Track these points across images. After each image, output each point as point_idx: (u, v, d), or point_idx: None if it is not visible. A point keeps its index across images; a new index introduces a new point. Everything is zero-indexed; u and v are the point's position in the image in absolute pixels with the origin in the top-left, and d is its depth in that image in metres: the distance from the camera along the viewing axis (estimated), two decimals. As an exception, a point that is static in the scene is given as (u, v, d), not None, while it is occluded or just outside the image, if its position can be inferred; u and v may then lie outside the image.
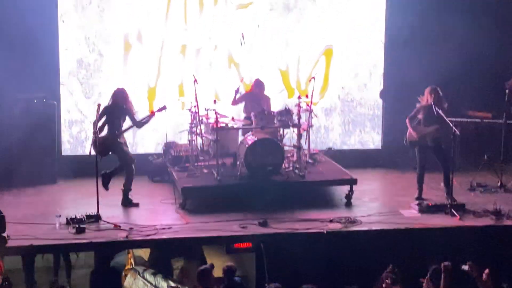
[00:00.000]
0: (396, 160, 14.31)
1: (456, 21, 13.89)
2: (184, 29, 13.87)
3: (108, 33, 13.61)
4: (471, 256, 9.05)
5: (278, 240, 10.23)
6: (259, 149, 11.63)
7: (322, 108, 14.50)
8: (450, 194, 11.53)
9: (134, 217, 10.82)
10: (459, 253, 9.76)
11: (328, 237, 10.26)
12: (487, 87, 14.49)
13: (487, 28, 14.31)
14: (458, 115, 13.40)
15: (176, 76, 13.89)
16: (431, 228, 10.54)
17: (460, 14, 13.99)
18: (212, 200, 11.64)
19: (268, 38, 14.11)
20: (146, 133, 13.83)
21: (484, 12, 14.35)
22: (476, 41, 14.17)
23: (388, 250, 10.24)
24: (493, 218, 10.89)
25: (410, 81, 13.86)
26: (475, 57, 14.34)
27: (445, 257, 9.33)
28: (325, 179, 12.18)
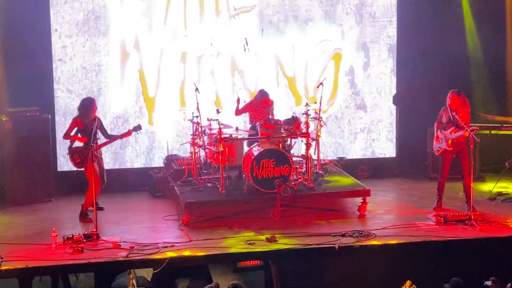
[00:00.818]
0: (412, 169, 14.33)
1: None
2: (184, 35, 13.92)
3: (105, 42, 13.67)
4: (493, 270, 9.02)
5: (288, 256, 10.21)
6: (265, 160, 11.63)
7: (332, 115, 14.52)
8: (470, 204, 11.57)
9: (135, 235, 10.81)
10: (481, 267, 9.73)
11: (341, 252, 10.23)
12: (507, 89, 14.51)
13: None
14: (477, 119, 13.44)
15: (177, 85, 13.94)
16: (450, 240, 10.50)
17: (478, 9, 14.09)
18: (217, 215, 11.65)
19: (273, 42, 14.16)
20: (145, 146, 13.88)
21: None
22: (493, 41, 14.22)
23: (405, 265, 10.23)
24: (516, 229, 10.88)
25: (425, 85, 13.91)
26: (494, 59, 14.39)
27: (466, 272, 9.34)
28: (336, 190, 12.18)
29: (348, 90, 14.59)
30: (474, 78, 14.28)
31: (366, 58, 14.55)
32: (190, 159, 12.89)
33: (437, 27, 14.32)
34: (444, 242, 10.46)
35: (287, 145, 12.42)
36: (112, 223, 11.49)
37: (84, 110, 11.74)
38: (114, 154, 13.86)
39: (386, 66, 14.62)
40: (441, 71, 14.10)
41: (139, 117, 13.79)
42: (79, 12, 13.56)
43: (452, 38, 14.31)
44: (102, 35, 13.66)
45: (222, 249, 10.23)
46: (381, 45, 14.56)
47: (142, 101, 13.88)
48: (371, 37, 14.51)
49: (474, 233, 10.77)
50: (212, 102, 13.90)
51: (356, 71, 14.54)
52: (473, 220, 11.01)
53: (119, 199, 12.81)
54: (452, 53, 14.32)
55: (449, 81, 13.53)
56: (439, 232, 10.82)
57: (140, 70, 13.84)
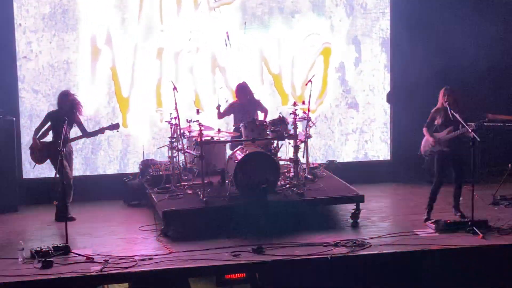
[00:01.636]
0: (408, 173, 14.39)
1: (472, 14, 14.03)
2: (161, 30, 13.93)
3: (74, 37, 13.64)
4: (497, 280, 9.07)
5: (275, 268, 10.20)
6: (250, 164, 11.65)
7: (321, 115, 14.56)
8: (457, 207, 11.84)
9: (109, 247, 10.77)
10: (484, 276, 9.78)
11: (333, 263, 10.25)
12: (509, 86, 14.59)
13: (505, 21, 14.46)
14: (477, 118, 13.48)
15: (153, 84, 13.93)
16: (450, 249, 10.53)
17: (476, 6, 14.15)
18: (199, 225, 11.64)
19: (257, 37, 14.18)
20: (119, 150, 13.87)
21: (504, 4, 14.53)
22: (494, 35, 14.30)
23: (402, 276, 10.28)
24: (520, 236, 10.95)
25: (421, 81, 13.96)
26: (494, 53, 14.47)
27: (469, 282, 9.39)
28: (327, 196, 12.18)
29: (339, 88, 14.63)
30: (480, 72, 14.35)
31: (357, 53, 14.60)
32: (168, 164, 12.88)
33: (434, 18, 14.38)
34: (445, 251, 10.49)
35: (273, 148, 12.43)
36: (84, 234, 11.45)
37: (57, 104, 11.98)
38: (85, 160, 13.83)
39: (379, 61, 14.67)
40: (439, 66, 14.14)
41: (112, 119, 13.73)
42: (45, 5, 13.53)
43: (451, 30, 14.36)
44: (71, 30, 13.63)
45: (204, 261, 10.21)
46: (374, 39, 14.62)
47: (115, 101, 13.87)
48: (362, 30, 14.56)
49: (476, 240, 10.81)
50: (191, 102, 13.90)
51: (347, 67, 14.58)
52: (475, 227, 11.05)
53: (91, 209, 12.78)
54: (451, 46, 14.37)
55: (448, 77, 13.59)
56: (439, 240, 10.86)
57: (113, 67, 13.83)
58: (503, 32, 14.68)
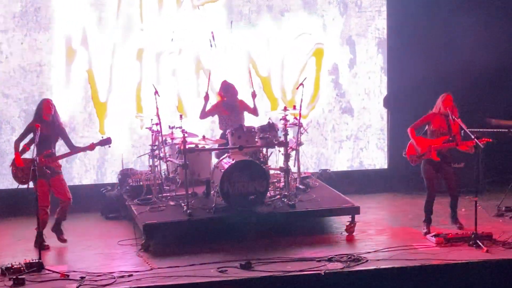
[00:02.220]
0: (406, 182, 14.40)
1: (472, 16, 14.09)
2: (141, 29, 13.92)
3: (47, 38, 13.59)
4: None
5: (265, 285, 10.16)
6: (237, 174, 11.63)
7: (314, 121, 14.55)
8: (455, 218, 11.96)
9: (86, 263, 10.73)
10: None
11: (327, 280, 10.22)
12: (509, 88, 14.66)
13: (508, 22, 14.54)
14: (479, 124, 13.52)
15: (132, 87, 13.91)
16: (452, 263, 10.53)
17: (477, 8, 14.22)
18: (182, 239, 11.61)
19: (244, 37, 14.17)
20: (96, 159, 13.82)
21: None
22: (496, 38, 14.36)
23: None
24: (528, 249, 10.97)
25: (421, 84, 13.97)
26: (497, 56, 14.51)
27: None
28: (320, 208, 12.18)
29: (332, 92, 14.65)
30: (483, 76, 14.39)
31: (352, 54, 14.63)
32: (149, 173, 12.85)
33: (433, 17, 14.41)
34: (446, 266, 10.48)
35: (262, 156, 12.42)
36: (59, 249, 11.42)
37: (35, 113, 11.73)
38: (59, 169, 13.77)
39: (375, 63, 14.71)
40: (439, 69, 14.17)
41: (88, 125, 13.75)
42: (15, 3, 13.52)
43: (452, 30, 14.40)
44: (44, 30, 13.61)
45: (189, 278, 10.18)
46: (369, 39, 14.65)
47: (92, 106, 13.85)
48: (357, 30, 14.60)
49: (480, 254, 10.81)
50: (174, 107, 13.88)
51: (340, 70, 14.61)
52: (479, 240, 11.06)
53: (66, 222, 12.69)
54: (451, 47, 14.41)
55: (448, 79, 13.61)
56: (440, 254, 10.85)
57: (89, 70, 13.80)
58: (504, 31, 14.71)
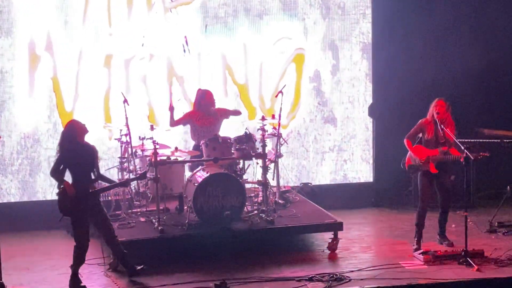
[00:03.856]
0: (393, 196, 14.48)
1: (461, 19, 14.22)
2: (109, 33, 13.94)
3: (9, 43, 13.60)
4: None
5: (241, 307, 10.26)
6: (212, 188, 11.66)
7: (294, 131, 14.62)
8: (443, 235, 12.07)
9: (50, 284, 10.74)
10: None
11: (308, 300, 10.31)
12: (506, 99, 14.75)
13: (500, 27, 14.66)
14: (471, 135, 13.62)
15: (100, 96, 13.92)
16: (441, 283, 10.59)
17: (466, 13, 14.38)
18: (153, 257, 11.62)
19: (220, 42, 14.23)
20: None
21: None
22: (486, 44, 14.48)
23: (386, 315, 10.34)
24: (521, 268, 11.06)
25: (408, 92, 14.05)
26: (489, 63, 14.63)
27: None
28: (301, 224, 12.22)
29: (314, 100, 14.71)
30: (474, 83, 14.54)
31: (334, 60, 14.70)
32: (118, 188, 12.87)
33: (421, 21, 14.51)
34: (435, 286, 10.55)
35: (239, 168, 12.46)
36: (21, 269, 11.38)
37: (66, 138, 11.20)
38: (22, 183, 13.77)
39: (359, 69, 14.78)
40: (427, 75, 14.27)
41: (53, 136, 13.73)
42: (-25, 6, 13.54)
43: (440, 34, 14.51)
44: (6, 35, 13.62)
45: (160, 300, 10.24)
46: (353, 44, 14.73)
47: (57, 116, 13.85)
48: (340, 34, 14.67)
49: (470, 273, 10.88)
50: (144, 117, 13.90)
51: (322, 77, 14.68)
52: (470, 258, 11.13)
53: (29, 239, 12.73)
54: (440, 54, 14.52)
55: (437, 87, 13.71)
56: (429, 273, 10.91)
57: (54, 77, 13.81)
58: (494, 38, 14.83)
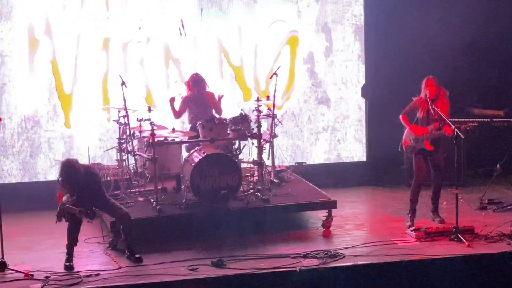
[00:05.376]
0: (385, 175, 14.50)
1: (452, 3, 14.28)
2: (106, 17, 13.91)
3: (8, 27, 13.57)
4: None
5: (238, 284, 10.20)
6: (208, 168, 11.67)
7: (288, 112, 14.62)
8: (436, 212, 12.09)
9: (51, 263, 10.73)
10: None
11: (303, 277, 10.27)
12: (496, 79, 14.76)
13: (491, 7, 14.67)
14: (462, 114, 13.63)
15: (99, 78, 13.91)
16: (432, 259, 10.62)
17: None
18: (151, 236, 11.64)
19: (215, 25, 14.20)
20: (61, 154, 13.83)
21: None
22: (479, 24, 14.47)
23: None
24: (510, 243, 11.04)
25: (399, 73, 14.05)
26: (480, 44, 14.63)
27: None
28: (295, 202, 12.24)
29: (307, 81, 14.72)
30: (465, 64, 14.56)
31: (328, 42, 14.70)
32: (116, 168, 12.88)
33: (412, 4, 14.50)
34: (426, 262, 10.57)
35: (235, 149, 12.46)
36: (22, 248, 11.40)
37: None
38: (23, 165, 13.78)
39: (352, 51, 14.78)
40: (418, 56, 14.28)
41: (53, 118, 13.75)
42: (-27, -9, 13.51)
43: (431, 16, 14.50)
44: (5, 19, 13.59)
45: (158, 277, 10.21)
46: (346, 26, 14.73)
47: (56, 98, 13.85)
48: (333, 17, 14.67)
49: (461, 249, 10.91)
50: (142, 99, 13.90)
51: (316, 58, 14.68)
52: (460, 234, 11.16)
53: (30, 219, 12.74)
54: (431, 35, 14.51)
55: (428, 67, 13.69)
56: (420, 249, 10.94)
57: (53, 61, 13.80)
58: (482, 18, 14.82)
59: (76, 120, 13.89)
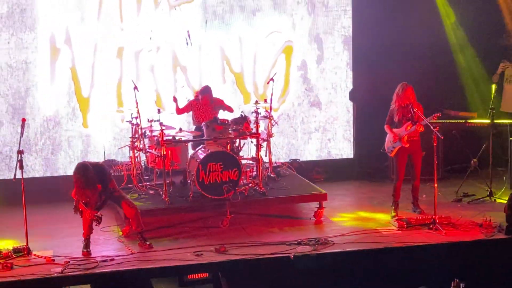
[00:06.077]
0: (371, 170, 14.50)
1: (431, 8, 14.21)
2: (121, 28, 13.88)
3: (32, 37, 13.54)
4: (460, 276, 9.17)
5: (238, 268, 10.23)
6: (212, 164, 11.65)
7: (284, 113, 14.61)
8: (416, 204, 12.10)
9: (70, 249, 10.73)
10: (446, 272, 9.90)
11: (297, 262, 10.29)
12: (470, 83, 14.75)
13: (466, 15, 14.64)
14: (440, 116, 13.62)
15: (113, 83, 13.89)
16: (413, 246, 10.64)
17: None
18: (161, 225, 11.64)
19: (218, 36, 14.20)
20: (79, 151, 13.82)
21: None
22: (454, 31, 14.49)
23: (365, 274, 10.34)
24: (483, 232, 11.05)
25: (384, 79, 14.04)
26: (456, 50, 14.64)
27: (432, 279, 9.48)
28: (290, 195, 12.25)
29: (301, 86, 14.70)
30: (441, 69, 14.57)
31: (319, 51, 14.67)
32: (129, 164, 12.86)
33: (394, 17, 14.49)
34: (407, 248, 10.59)
35: (235, 146, 12.46)
36: (44, 236, 11.38)
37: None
38: (45, 161, 13.77)
39: (341, 59, 14.76)
40: (401, 64, 14.27)
41: (72, 119, 13.73)
42: (2, 5, 13.43)
43: (411, 29, 14.49)
44: (29, 30, 13.55)
45: (167, 262, 10.22)
46: (336, 37, 14.71)
47: (75, 101, 13.81)
48: (324, 28, 14.65)
49: (439, 237, 10.92)
50: (152, 102, 13.89)
51: (309, 65, 14.66)
52: (438, 223, 11.17)
53: (51, 210, 12.72)
54: (412, 45, 14.51)
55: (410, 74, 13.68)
56: (402, 237, 10.96)
57: (72, 67, 13.76)
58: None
59: (93, 120, 13.86)
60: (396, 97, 11.84)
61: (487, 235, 10.93)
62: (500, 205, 11.84)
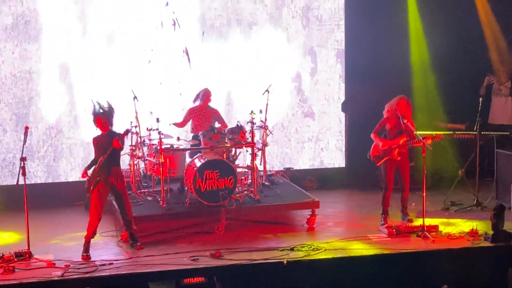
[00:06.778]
0: (362, 179, 14.50)
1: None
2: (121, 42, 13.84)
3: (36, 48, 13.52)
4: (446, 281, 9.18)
5: (233, 272, 10.21)
6: (209, 171, 11.63)
7: (278, 123, 14.61)
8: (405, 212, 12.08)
9: (71, 253, 10.70)
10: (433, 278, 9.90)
11: (289, 267, 10.28)
12: (459, 95, 14.77)
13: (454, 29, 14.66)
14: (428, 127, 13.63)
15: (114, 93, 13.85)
16: (402, 252, 10.64)
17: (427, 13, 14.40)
18: (158, 230, 11.62)
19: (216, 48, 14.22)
20: (80, 158, 13.80)
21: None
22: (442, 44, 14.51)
23: (356, 279, 10.31)
24: (469, 240, 11.06)
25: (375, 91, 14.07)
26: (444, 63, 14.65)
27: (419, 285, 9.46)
28: (283, 202, 12.25)
29: (295, 97, 14.70)
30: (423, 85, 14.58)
31: (313, 64, 14.70)
32: (128, 171, 12.84)
33: (385, 31, 14.52)
34: (396, 255, 10.58)
35: (231, 155, 12.45)
36: (46, 240, 11.37)
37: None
38: (47, 167, 13.75)
39: (334, 71, 14.78)
40: (392, 77, 14.29)
41: (74, 128, 13.72)
42: (7, 16, 13.44)
43: (401, 43, 14.53)
44: (33, 41, 13.56)
45: (164, 266, 10.19)
46: (329, 50, 14.73)
47: (77, 110, 13.80)
48: (318, 42, 14.67)
49: (427, 245, 10.92)
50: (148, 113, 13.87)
51: (303, 77, 14.68)
52: (426, 231, 11.17)
53: (52, 215, 12.70)
54: (401, 58, 14.54)
55: (400, 87, 13.71)
56: (391, 244, 10.95)
57: (74, 77, 13.73)
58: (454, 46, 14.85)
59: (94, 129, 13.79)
60: (389, 106, 11.83)
61: (473, 243, 10.92)
62: (486, 214, 11.85)
